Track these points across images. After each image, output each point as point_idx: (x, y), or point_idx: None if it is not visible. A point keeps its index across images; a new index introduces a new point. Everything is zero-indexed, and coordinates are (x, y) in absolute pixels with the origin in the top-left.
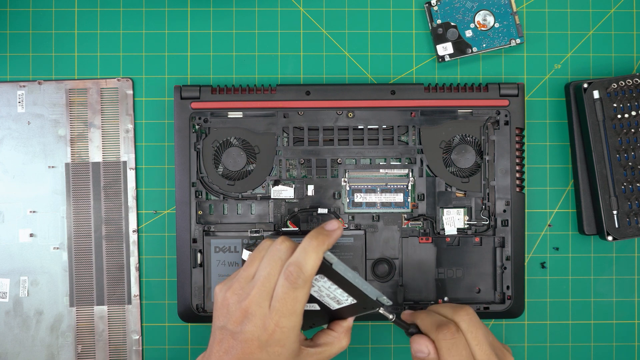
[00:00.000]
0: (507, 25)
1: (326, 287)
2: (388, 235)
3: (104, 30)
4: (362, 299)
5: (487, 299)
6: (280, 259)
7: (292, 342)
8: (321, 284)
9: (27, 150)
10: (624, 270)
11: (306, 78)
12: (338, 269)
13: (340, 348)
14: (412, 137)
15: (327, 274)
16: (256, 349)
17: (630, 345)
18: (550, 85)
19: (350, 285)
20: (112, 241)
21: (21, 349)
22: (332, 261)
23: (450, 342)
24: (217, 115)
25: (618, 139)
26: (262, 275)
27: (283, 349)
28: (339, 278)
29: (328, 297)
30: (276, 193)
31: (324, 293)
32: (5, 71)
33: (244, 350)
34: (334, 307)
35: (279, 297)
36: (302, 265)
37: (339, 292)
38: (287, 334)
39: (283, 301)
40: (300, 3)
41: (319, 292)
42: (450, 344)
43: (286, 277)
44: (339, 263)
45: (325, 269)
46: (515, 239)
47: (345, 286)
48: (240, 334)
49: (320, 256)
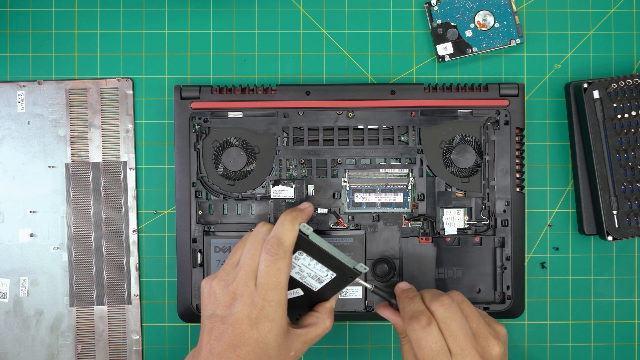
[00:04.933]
0: (507, 25)
1: (306, 264)
2: (388, 235)
3: (104, 30)
4: (341, 270)
5: (487, 299)
6: (262, 240)
7: (280, 317)
8: (301, 262)
9: (27, 150)
10: (624, 270)
11: (306, 78)
12: (315, 239)
13: (324, 329)
14: (412, 137)
15: (305, 249)
16: (247, 327)
17: (630, 345)
18: (550, 85)
19: (328, 257)
20: (112, 241)
21: (21, 349)
22: (308, 232)
23: (420, 333)
24: (217, 115)
25: (618, 139)
26: (246, 257)
27: (273, 324)
28: (317, 251)
29: (309, 276)
30: (276, 193)
31: (305, 273)
32: (5, 71)
33: (235, 332)
34: (316, 288)
35: (262, 272)
36: (280, 236)
37: (319, 267)
38: (275, 307)
39: (267, 275)
40: (300, 3)
41: (300, 272)
42: (419, 337)
43: (267, 252)
44: (314, 235)
45: (302, 243)
46: (515, 239)
47: (324, 259)
48: (230, 316)
49: (296, 227)
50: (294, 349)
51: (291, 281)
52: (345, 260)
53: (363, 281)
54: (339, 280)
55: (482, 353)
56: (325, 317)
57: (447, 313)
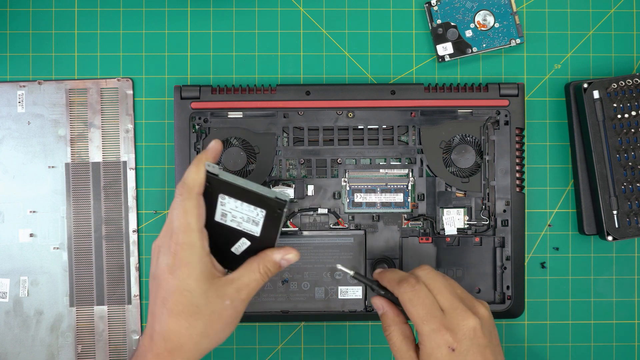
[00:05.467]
0: (507, 25)
1: (234, 208)
2: (388, 235)
3: (104, 30)
4: (266, 204)
5: (487, 299)
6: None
7: (197, 262)
8: (228, 207)
9: (27, 150)
10: (624, 270)
11: (306, 78)
12: (226, 177)
13: (252, 279)
14: (412, 137)
15: (224, 191)
16: (168, 276)
17: (630, 345)
18: (550, 85)
19: (248, 193)
20: (112, 241)
21: (21, 349)
22: (216, 171)
23: (411, 293)
24: (217, 115)
25: (618, 139)
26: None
27: (189, 268)
28: (235, 190)
29: (244, 220)
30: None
31: (238, 218)
32: (5, 71)
33: (160, 285)
34: (257, 232)
35: (172, 217)
36: (185, 178)
37: (246, 207)
38: (188, 251)
39: (177, 218)
40: (300, 3)
41: (234, 219)
42: (411, 296)
43: (175, 196)
44: (224, 173)
45: (218, 184)
46: (515, 239)
47: (246, 197)
48: (156, 270)
49: (201, 168)
50: (228, 296)
51: (233, 232)
52: (265, 192)
53: (343, 267)
54: (271, 216)
55: (472, 310)
56: (255, 265)
57: (430, 275)
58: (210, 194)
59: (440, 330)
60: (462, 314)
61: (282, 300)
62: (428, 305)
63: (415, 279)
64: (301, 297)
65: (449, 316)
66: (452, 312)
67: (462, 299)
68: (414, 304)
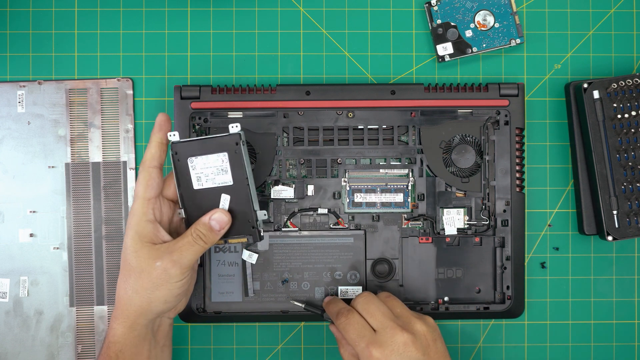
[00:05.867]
0: (507, 25)
1: (202, 165)
2: (388, 235)
3: (104, 30)
4: (225, 145)
5: (487, 299)
6: None
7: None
8: (198, 167)
9: (27, 150)
10: (624, 270)
11: (306, 78)
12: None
13: (185, 242)
14: (412, 137)
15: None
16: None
17: (630, 345)
18: (550, 85)
19: (207, 143)
20: (112, 241)
21: (21, 349)
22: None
23: (344, 323)
24: (217, 115)
25: (618, 139)
26: None
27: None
28: (196, 146)
29: (217, 174)
30: (276, 193)
31: (210, 173)
32: (5, 71)
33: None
34: (230, 180)
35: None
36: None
37: (212, 158)
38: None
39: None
40: (300, 3)
41: (206, 177)
42: (344, 324)
43: None
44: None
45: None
46: (515, 239)
47: (209, 149)
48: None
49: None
50: (159, 258)
51: (214, 193)
52: (220, 135)
53: (296, 302)
54: (233, 156)
55: (404, 327)
56: (191, 227)
57: (364, 301)
58: (182, 164)
59: (369, 347)
60: (391, 331)
61: (282, 300)
62: (358, 329)
63: (349, 309)
64: (301, 297)
65: (379, 334)
66: (382, 331)
67: (399, 317)
68: (347, 330)
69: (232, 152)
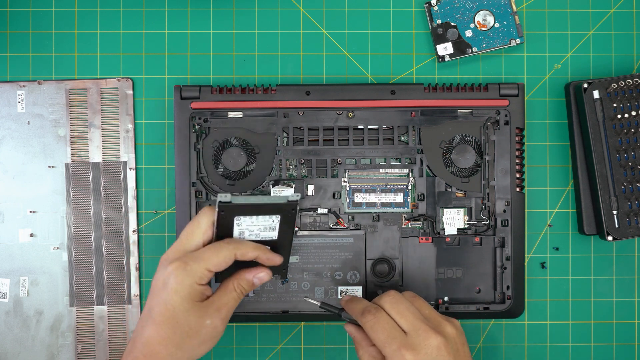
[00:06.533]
0: (507, 25)
1: (249, 223)
2: (388, 235)
3: (104, 30)
4: (280, 209)
5: (487, 299)
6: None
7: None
8: (245, 224)
9: (27, 150)
10: (624, 270)
11: (306, 78)
12: (238, 200)
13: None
14: (412, 137)
15: (239, 213)
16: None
17: (630, 345)
18: (550, 85)
19: (261, 207)
20: (112, 241)
21: (21, 349)
22: (227, 199)
23: (372, 321)
24: (217, 115)
25: (618, 139)
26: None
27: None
28: (248, 208)
29: (262, 230)
30: (276, 193)
31: (256, 230)
32: (5, 71)
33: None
34: (275, 236)
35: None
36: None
37: (262, 218)
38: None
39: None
40: (300, 3)
41: (252, 232)
42: (372, 323)
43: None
44: (235, 197)
45: (232, 209)
46: (515, 239)
47: (261, 211)
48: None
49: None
50: (208, 316)
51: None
52: (277, 200)
53: (312, 299)
54: (285, 218)
55: (436, 330)
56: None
57: (393, 300)
58: (225, 219)
59: (401, 350)
60: (423, 333)
61: (282, 300)
62: (388, 330)
63: (376, 308)
64: (301, 297)
65: (411, 337)
66: (413, 333)
67: (429, 319)
68: (375, 330)
69: (286, 216)
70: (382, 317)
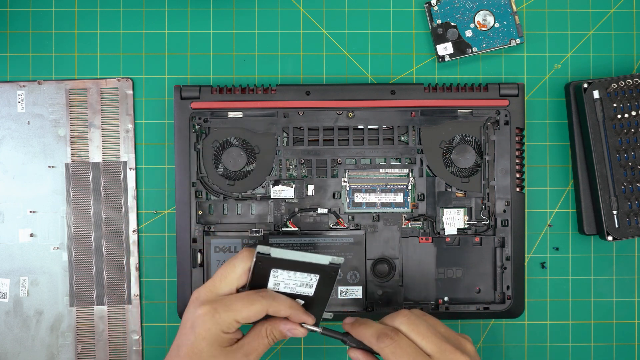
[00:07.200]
0: (507, 25)
1: (287, 277)
2: (388, 235)
3: (104, 30)
4: (321, 270)
5: (487, 299)
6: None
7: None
8: (281, 277)
9: (27, 150)
10: (624, 270)
11: (306, 78)
12: (278, 254)
13: (260, 344)
14: (412, 137)
15: (277, 266)
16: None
17: (630, 345)
18: (550, 85)
19: (301, 264)
20: (112, 241)
21: (21, 349)
22: (268, 252)
23: (392, 347)
24: (217, 115)
25: (618, 139)
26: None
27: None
28: (287, 263)
29: (298, 286)
30: (276, 193)
31: (292, 284)
32: (5, 71)
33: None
34: (311, 293)
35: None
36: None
37: (299, 275)
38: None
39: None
40: (300, 3)
41: (287, 286)
42: (393, 349)
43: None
44: (276, 250)
45: (270, 261)
46: (515, 239)
47: (300, 267)
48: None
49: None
50: None
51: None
52: (319, 260)
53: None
54: (325, 279)
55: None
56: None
57: (410, 321)
58: (262, 270)
59: None
60: (450, 355)
61: None
62: (412, 354)
63: (393, 330)
64: None
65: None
66: (439, 355)
67: (448, 338)
68: (398, 356)
69: (325, 277)
70: (402, 341)
